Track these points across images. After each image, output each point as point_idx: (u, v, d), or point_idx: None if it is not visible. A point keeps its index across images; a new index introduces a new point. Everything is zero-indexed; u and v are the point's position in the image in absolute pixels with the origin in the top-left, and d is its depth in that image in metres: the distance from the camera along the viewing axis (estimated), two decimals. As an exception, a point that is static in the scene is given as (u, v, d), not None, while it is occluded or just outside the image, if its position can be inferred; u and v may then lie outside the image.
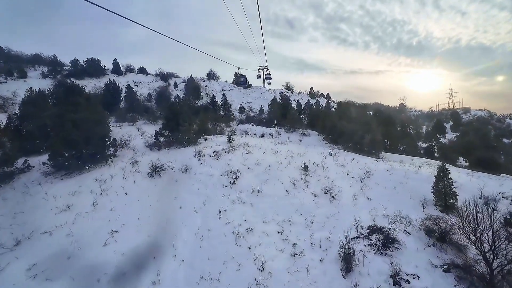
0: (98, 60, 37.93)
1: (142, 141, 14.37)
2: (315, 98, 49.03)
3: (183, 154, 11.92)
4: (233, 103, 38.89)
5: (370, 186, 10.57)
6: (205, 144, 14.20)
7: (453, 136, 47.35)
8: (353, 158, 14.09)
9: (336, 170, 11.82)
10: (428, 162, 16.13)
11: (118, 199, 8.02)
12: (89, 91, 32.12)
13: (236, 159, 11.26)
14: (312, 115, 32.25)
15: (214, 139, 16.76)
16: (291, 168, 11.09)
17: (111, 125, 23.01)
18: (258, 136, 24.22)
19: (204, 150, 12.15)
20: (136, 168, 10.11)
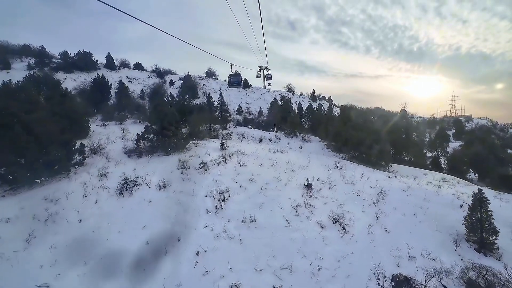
0: (90, 53, 35.96)
1: (122, 146, 12.48)
2: (316, 101, 47.36)
3: (165, 164, 10.08)
4: (231, 104, 37.08)
5: (386, 211, 8.79)
6: (194, 151, 12.37)
7: (458, 145, 45.99)
8: (362, 173, 12.33)
9: (344, 189, 10.04)
10: (444, 179, 14.41)
11: (67, 230, 6.15)
12: (75, 86, 30.28)
13: (227, 173, 9.45)
14: (313, 119, 30.51)
15: (205, 144, 14.93)
16: (292, 187, 9.29)
17: (96, 124, 21.20)
18: (256, 140, 22.43)
19: (190, 160, 10.32)
20: (103, 183, 8.26)
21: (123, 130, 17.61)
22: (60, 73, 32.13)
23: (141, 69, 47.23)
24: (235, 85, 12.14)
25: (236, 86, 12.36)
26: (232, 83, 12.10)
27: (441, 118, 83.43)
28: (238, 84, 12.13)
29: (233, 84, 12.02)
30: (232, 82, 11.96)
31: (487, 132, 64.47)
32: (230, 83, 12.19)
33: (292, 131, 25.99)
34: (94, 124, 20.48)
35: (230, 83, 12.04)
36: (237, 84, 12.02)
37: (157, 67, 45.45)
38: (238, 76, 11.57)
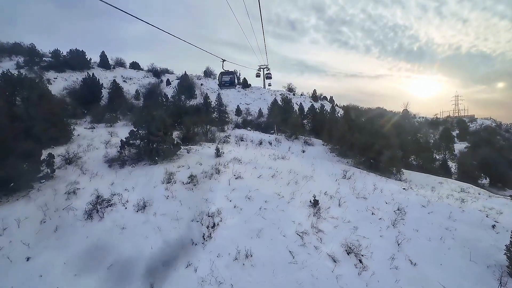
0: (83, 51, 34.55)
1: (104, 153, 11.10)
2: (318, 101, 45.98)
3: (149, 177, 8.70)
4: (229, 104, 35.72)
5: (408, 235, 7.42)
6: (184, 159, 10.99)
7: (464, 147, 44.56)
8: (374, 185, 10.96)
9: (356, 206, 8.67)
10: (463, 189, 13.02)
11: (6, 275, 4.75)
12: (66, 86, 28.87)
13: (220, 189, 8.07)
14: (316, 120, 29.12)
15: (199, 150, 13.56)
16: (296, 205, 7.91)
17: (84, 126, 19.83)
18: (255, 144, 21.04)
19: (178, 173, 8.93)
20: (70, 203, 6.88)
21: (110, 134, 16.25)
22: (51, 72, 30.75)
23: (138, 68, 45.84)
24: (227, 85, 9.75)
25: (228, 86, 9.88)
26: (224, 83, 9.72)
27: (444, 118, 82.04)
28: (231, 85, 9.80)
29: (225, 84, 9.70)
30: (223, 82, 9.72)
31: (492, 133, 62.96)
32: (221, 83, 9.75)
33: (294, 133, 24.59)
34: (81, 127, 19.15)
35: (221, 83, 9.72)
36: (230, 84, 9.73)
37: (154, 66, 44.08)
38: (231, 74, 9.57)
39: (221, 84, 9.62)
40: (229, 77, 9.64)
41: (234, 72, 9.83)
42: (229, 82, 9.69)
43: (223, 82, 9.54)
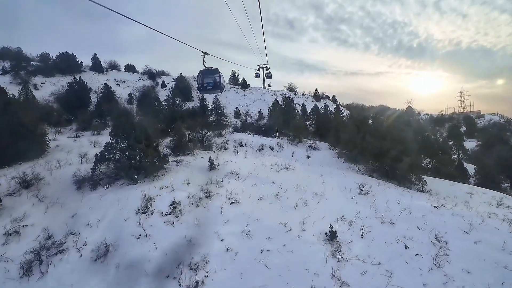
0: (73, 54, 32.97)
1: (76, 170, 9.35)
2: (320, 100, 44.12)
3: (121, 204, 6.93)
4: (228, 106, 33.93)
5: (458, 280, 5.60)
6: (171, 176, 9.22)
7: (475, 145, 42.47)
8: (398, 202, 9.14)
9: (383, 236, 6.84)
10: (500, 202, 11.13)
11: None
12: (54, 91, 27.24)
13: (209, 222, 6.28)
14: (319, 121, 27.28)
15: (191, 162, 11.80)
16: (308, 240, 6.10)
17: (68, 135, 18.18)
18: (256, 149, 19.25)
19: (158, 197, 7.15)
20: (4, 252, 5.12)
21: (93, 144, 14.52)
22: (39, 77, 29.16)
23: (133, 71, 44.24)
24: (210, 88, 7.42)
25: (212, 90, 7.54)
26: (205, 86, 7.43)
27: (450, 115, 79.75)
28: (215, 88, 7.43)
29: (207, 87, 7.39)
30: (204, 85, 7.40)
31: (501, 130, 60.69)
32: (202, 86, 7.59)
33: (297, 136, 22.78)
34: (64, 136, 17.50)
35: (202, 86, 7.52)
36: (213, 86, 7.37)
37: (149, 68, 42.44)
38: (214, 73, 7.22)
39: (202, 87, 7.51)
40: (212, 77, 7.29)
41: (217, 70, 7.37)
42: (212, 85, 7.32)
43: (204, 84, 7.40)
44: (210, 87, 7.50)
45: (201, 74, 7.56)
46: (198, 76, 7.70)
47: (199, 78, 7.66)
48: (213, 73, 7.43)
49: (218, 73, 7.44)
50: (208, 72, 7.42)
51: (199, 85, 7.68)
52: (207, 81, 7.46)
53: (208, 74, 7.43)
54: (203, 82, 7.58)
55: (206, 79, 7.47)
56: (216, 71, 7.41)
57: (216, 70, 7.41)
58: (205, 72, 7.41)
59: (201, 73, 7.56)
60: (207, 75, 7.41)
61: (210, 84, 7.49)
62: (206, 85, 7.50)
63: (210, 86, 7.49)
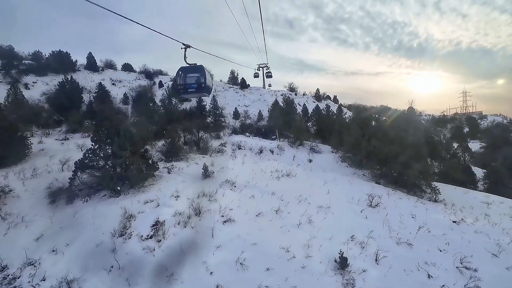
0: (67, 53, 31.95)
1: (52, 180, 8.39)
2: (321, 101, 43.15)
3: (97, 223, 5.97)
4: (226, 106, 32.96)
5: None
6: (159, 186, 8.26)
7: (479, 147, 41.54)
8: (413, 216, 8.19)
9: (401, 261, 5.87)
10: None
11: None
12: (46, 91, 26.25)
13: (197, 244, 5.31)
14: (321, 123, 26.32)
15: (183, 169, 10.85)
16: (315, 270, 5.13)
17: (56, 138, 17.21)
18: (255, 152, 18.29)
19: (140, 215, 6.18)
20: None
21: (81, 148, 13.54)
22: (31, 76, 28.15)
23: (130, 70, 43.22)
24: (192, 91, 5.81)
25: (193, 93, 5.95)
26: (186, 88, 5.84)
27: (452, 115, 78.79)
28: (198, 90, 5.82)
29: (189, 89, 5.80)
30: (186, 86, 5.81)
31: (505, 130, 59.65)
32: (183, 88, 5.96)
33: (298, 138, 21.82)
34: (52, 139, 16.54)
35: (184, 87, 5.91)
36: (196, 89, 5.76)
37: (146, 68, 41.44)
38: (197, 72, 5.67)
39: (182, 89, 5.88)
40: (195, 77, 5.73)
41: (202, 68, 5.72)
42: (194, 86, 5.72)
43: (186, 85, 5.81)
44: (192, 89, 5.81)
45: (181, 73, 5.88)
46: (177, 75, 5.93)
47: (178, 78, 5.92)
48: (196, 72, 5.81)
49: (202, 72, 5.75)
50: (189, 70, 5.81)
51: (178, 87, 5.96)
52: (189, 82, 5.86)
53: (190, 72, 5.82)
54: (183, 83, 5.93)
55: (187, 79, 5.88)
56: (200, 69, 5.78)
57: (200, 68, 5.78)
58: (185, 70, 5.83)
59: (180, 72, 5.87)
60: (189, 74, 5.84)
61: (192, 86, 5.82)
62: (187, 86, 5.85)
63: (192, 88, 5.80)
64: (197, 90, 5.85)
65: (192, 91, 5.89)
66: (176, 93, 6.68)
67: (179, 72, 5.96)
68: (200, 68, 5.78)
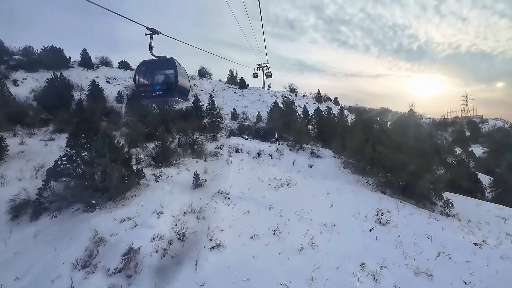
0: (60, 49, 30.85)
1: (19, 190, 7.38)
2: (322, 102, 42.27)
3: (60, 248, 4.98)
4: (225, 107, 31.96)
5: None
6: (140, 200, 7.27)
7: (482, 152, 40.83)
8: (428, 237, 7.26)
9: (422, 299, 4.91)
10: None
11: None
12: (35, 87, 25.15)
13: (177, 281, 4.32)
14: (322, 125, 25.40)
15: (173, 177, 9.87)
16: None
17: (40, 138, 16.15)
18: (253, 156, 17.36)
19: (112, 238, 5.19)
20: None
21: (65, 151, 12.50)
22: (20, 72, 27.03)
23: (126, 67, 42.10)
24: (158, 94, 4.00)
25: (161, 97, 4.05)
26: (151, 90, 4.08)
27: (453, 119, 78.27)
28: (167, 94, 4.00)
29: (152, 92, 4.04)
30: (147, 88, 4.10)
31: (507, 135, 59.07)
32: (144, 90, 4.19)
33: (298, 142, 20.88)
34: (36, 139, 15.48)
35: (144, 89, 4.16)
36: (164, 92, 3.98)
37: (143, 66, 40.23)
38: (166, 68, 3.98)
39: (145, 91, 4.09)
40: (163, 75, 4.02)
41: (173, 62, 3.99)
42: (163, 88, 3.97)
43: (150, 87, 4.03)
44: (158, 92, 4.01)
45: (144, 69, 4.13)
46: (138, 71, 4.17)
47: (139, 76, 4.15)
48: (164, 68, 4.06)
49: (173, 67, 3.97)
50: (155, 65, 4.08)
51: (139, 88, 4.15)
52: (154, 82, 4.06)
53: (156, 68, 4.08)
54: (147, 83, 4.11)
55: (151, 78, 4.08)
56: (169, 64, 4.00)
57: (170, 62, 4.00)
58: (150, 66, 4.09)
59: (143, 67, 4.12)
60: (155, 71, 4.08)
61: (159, 88, 4.00)
62: (152, 88, 4.03)
63: (158, 90, 4.00)
64: (165, 93, 4.05)
65: (159, 94, 4.05)
66: (138, 96, 4.32)
67: (140, 68, 4.17)
68: (170, 62, 4.01)
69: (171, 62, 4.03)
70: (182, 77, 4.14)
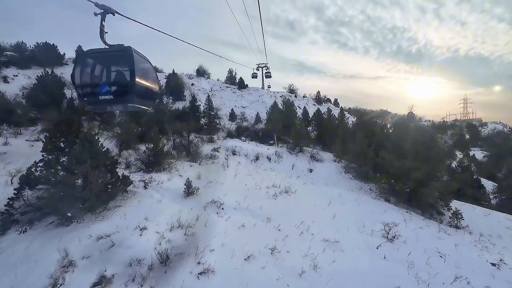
0: (54, 45, 29.95)
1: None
2: (322, 104, 41.65)
3: (21, 273, 4.27)
4: (223, 107, 31.17)
5: None
6: (122, 213, 6.54)
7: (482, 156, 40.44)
8: (441, 255, 6.60)
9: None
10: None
11: None
12: (26, 85, 24.28)
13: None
14: (322, 128, 24.76)
15: (163, 183, 9.15)
16: None
17: (27, 138, 15.35)
18: (251, 159, 16.65)
19: (83, 262, 4.47)
20: None
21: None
22: (12, 69, 26.09)
23: (123, 65, 41.15)
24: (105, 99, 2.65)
25: (109, 103, 2.69)
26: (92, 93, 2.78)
27: (452, 122, 78.03)
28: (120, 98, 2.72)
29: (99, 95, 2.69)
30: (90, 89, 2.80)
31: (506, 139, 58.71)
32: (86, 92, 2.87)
33: (298, 144, 20.21)
34: (22, 139, 14.68)
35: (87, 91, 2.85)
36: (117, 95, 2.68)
37: (140, 64, 39.37)
38: (121, 61, 2.71)
39: (88, 95, 2.80)
40: (115, 70, 2.79)
41: (129, 52, 2.66)
42: (114, 90, 2.69)
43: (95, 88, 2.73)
44: (107, 96, 2.76)
45: (88, 62, 2.93)
46: (79, 65, 2.95)
47: (79, 72, 2.91)
48: (117, 61, 2.90)
49: (129, 61, 2.76)
50: (105, 57, 2.88)
51: (79, 90, 2.93)
52: (104, 81, 2.83)
53: (106, 61, 2.88)
54: (90, 81, 2.90)
55: (99, 75, 2.88)
56: (125, 55, 2.77)
57: (125, 53, 2.76)
58: (98, 58, 2.89)
59: (87, 60, 2.92)
60: (104, 65, 2.88)
61: (106, 91, 2.75)
62: (97, 90, 2.77)
63: (106, 94, 2.75)
64: (118, 97, 2.81)
65: (108, 99, 2.80)
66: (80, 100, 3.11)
67: (82, 61, 2.96)
68: (126, 53, 2.77)
69: (126, 53, 2.74)
70: (143, 74, 2.89)
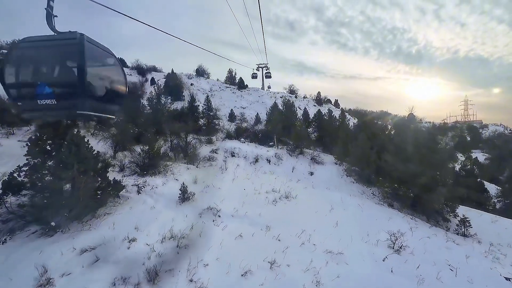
0: (51, 44, 29.48)
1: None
2: (322, 105, 41.28)
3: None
4: (222, 108, 30.77)
5: None
6: (111, 222, 6.13)
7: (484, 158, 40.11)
8: (451, 269, 6.18)
9: None
10: None
11: None
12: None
13: None
14: (323, 129, 24.37)
15: (158, 188, 8.74)
16: None
17: (19, 139, 14.92)
18: (250, 161, 16.24)
19: (63, 279, 4.05)
20: None
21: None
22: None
23: (122, 65, 40.79)
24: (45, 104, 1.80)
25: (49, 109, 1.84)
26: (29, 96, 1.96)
27: (453, 123, 77.70)
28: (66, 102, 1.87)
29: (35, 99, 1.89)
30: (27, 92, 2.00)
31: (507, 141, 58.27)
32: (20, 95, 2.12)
33: (298, 146, 19.80)
34: (14, 139, 14.25)
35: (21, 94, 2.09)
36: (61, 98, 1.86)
37: (139, 63, 39.13)
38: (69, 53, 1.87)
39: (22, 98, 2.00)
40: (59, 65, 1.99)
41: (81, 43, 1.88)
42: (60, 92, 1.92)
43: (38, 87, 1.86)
44: (48, 99, 1.94)
45: (24, 55, 2.13)
46: (12, 58, 2.18)
47: (12, 66, 2.12)
48: (63, 53, 2.07)
49: (80, 53, 1.94)
50: (46, 47, 2.04)
51: (12, 91, 2.12)
52: (43, 80, 2.00)
53: (48, 54, 2.06)
54: (33, 81, 2.07)
55: (38, 72, 2.08)
56: (73, 44, 1.97)
57: (74, 41, 1.97)
58: (37, 49, 2.05)
59: (22, 51, 2.14)
60: (44, 59, 2.08)
61: (47, 93, 1.93)
62: (34, 92, 1.96)
63: (47, 97, 1.94)
64: (63, 102, 2.11)
65: (49, 104, 2.06)
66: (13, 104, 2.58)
67: (16, 53, 2.29)
68: (75, 42, 2.08)
69: (75, 42, 2.02)
70: (101, 71, 2.24)
